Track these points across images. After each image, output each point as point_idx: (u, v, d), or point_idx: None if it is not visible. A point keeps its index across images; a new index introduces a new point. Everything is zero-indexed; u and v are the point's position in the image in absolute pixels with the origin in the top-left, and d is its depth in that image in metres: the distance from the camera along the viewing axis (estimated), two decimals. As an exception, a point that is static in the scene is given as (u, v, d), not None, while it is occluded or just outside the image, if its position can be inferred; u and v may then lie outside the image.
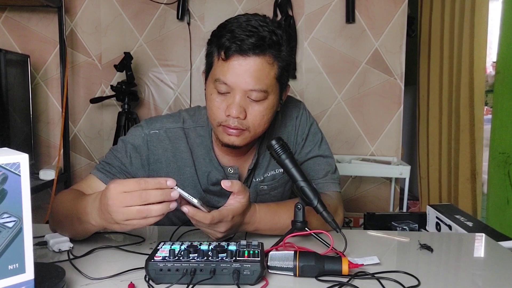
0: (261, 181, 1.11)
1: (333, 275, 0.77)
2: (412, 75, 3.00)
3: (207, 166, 1.07)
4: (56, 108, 2.68)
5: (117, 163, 1.05)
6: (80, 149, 2.73)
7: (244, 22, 0.93)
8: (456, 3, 2.41)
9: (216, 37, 0.95)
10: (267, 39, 0.91)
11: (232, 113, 0.93)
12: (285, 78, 1.00)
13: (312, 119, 1.16)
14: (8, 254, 0.59)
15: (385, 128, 2.71)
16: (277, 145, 0.91)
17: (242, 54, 0.91)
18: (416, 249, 0.95)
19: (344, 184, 2.75)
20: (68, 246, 0.89)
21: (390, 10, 2.63)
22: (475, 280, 0.80)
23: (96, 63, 2.68)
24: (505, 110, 1.77)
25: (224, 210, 0.84)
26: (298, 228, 0.90)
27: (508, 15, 1.76)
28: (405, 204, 2.57)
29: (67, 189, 1.06)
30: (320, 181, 1.12)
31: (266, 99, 0.95)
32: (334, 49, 2.67)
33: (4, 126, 2.14)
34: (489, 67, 2.82)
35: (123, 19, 2.66)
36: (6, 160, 0.57)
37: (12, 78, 2.21)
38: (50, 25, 2.60)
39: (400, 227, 1.42)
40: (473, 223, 1.23)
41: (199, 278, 0.71)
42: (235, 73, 0.91)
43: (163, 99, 2.72)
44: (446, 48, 2.55)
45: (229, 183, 0.83)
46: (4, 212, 0.58)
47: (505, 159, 1.74)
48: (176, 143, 1.06)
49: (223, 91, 0.94)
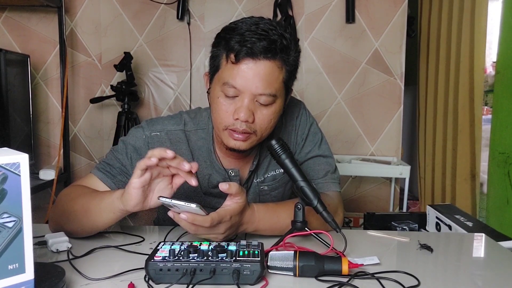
0: (261, 182, 1.11)
1: (333, 275, 0.77)
2: (412, 75, 3.00)
3: (208, 169, 1.07)
4: (56, 108, 2.68)
5: (118, 164, 1.05)
6: (80, 149, 2.73)
7: (252, 25, 0.92)
8: (456, 3, 2.41)
9: (224, 40, 0.94)
10: (278, 43, 0.91)
11: (241, 116, 0.92)
12: (291, 83, 1.00)
13: (312, 119, 1.16)
14: (8, 254, 0.59)
15: (385, 128, 2.71)
16: (277, 145, 0.91)
17: (253, 57, 0.90)
18: (416, 249, 0.95)
19: (344, 184, 2.75)
20: (66, 246, 0.89)
21: (390, 10, 2.63)
22: (475, 280, 0.80)
23: (96, 63, 2.68)
24: (505, 110, 1.77)
25: (222, 211, 0.84)
26: (298, 228, 0.90)
27: (508, 15, 1.76)
28: (405, 204, 2.57)
29: (70, 186, 1.06)
30: (320, 181, 1.12)
31: (274, 103, 0.95)
32: (334, 49, 2.67)
33: (4, 126, 2.14)
34: (489, 67, 2.82)
35: (123, 19, 2.66)
36: (6, 160, 0.57)
37: (12, 78, 2.21)
38: (50, 25, 2.60)
39: (400, 227, 1.42)
40: (473, 223, 1.23)
41: (199, 278, 0.71)
42: (244, 76, 0.91)
43: (163, 99, 2.72)
44: (446, 48, 2.55)
45: (227, 185, 0.83)
46: (4, 212, 0.58)
47: (505, 159, 1.75)
48: (177, 146, 1.06)
49: (231, 94, 0.93)
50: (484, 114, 2.89)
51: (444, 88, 2.57)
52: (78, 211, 0.92)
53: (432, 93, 2.72)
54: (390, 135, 2.71)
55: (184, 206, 0.78)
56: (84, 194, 0.96)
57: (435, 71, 2.68)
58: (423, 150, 2.86)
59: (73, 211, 0.93)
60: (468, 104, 2.31)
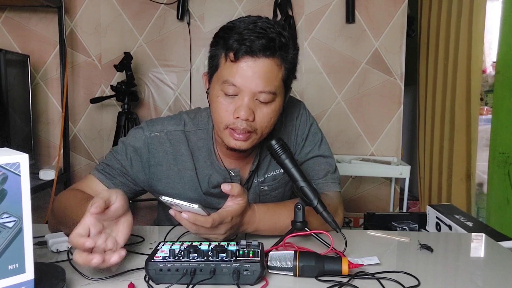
0: (262, 182, 1.11)
1: (333, 275, 0.77)
2: (412, 75, 3.00)
3: (208, 169, 1.07)
4: (56, 108, 2.68)
5: (117, 165, 1.05)
6: (80, 149, 2.73)
7: (251, 23, 0.92)
8: (455, 3, 2.41)
9: (223, 39, 0.94)
10: (276, 41, 0.91)
11: (241, 115, 0.92)
12: (290, 81, 1.00)
13: (312, 119, 1.16)
14: (8, 254, 0.59)
15: (385, 128, 2.71)
16: (277, 145, 0.91)
17: (252, 55, 0.90)
18: (416, 249, 0.95)
19: (344, 184, 2.75)
20: (66, 246, 0.89)
21: (390, 10, 2.63)
22: (475, 280, 0.80)
23: (96, 63, 2.68)
24: (505, 110, 1.77)
25: (223, 212, 0.84)
26: (298, 228, 0.90)
27: (508, 15, 1.76)
28: (405, 204, 2.57)
29: (68, 189, 1.06)
30: (320, 181, 1.11)
31: (274, 101, 0.96)
32: (334, 49, 2.67)
33: (4, 126, 2.14)
34: (489, 67, 2.83)
35: (123, 19, 2.66)
36: (6, 160, 0.57)
37: (12, 78, 2.21)
38: (50, 25, 2.60)
39: (400, 227, 1.42)
40: (473, 223, 1.23)
41: (199, 278, 0.71)
42: (244, 74, 0.91)
43: (163, 99, 2.72)
44: (444, 48, 2.55)
45: (229, 186, 0.83)
46: (4, 212, 0.58)
47: (505, 159, 1.74)
48: (177, 146, 1.06)
49: (230, 93, 0.93)
50: (484, 114, 2.89)
51: (442, 88, 2.57)
52: (69, 221, 0.91)
53: (431, 93, 2.72)
54: (390, 135, 2.71)
55: (186, 206, 0.78)
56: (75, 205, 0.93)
57: (434, 71, 2.68)
58: (423, 150, 2.86)
59: (65, 220, 0.93)
60: (465, 104, 2.32)
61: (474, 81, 2.25)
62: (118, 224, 0.79)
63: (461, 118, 2.34)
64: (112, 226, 0.78)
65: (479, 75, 2.27)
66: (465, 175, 2.33)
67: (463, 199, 2.34)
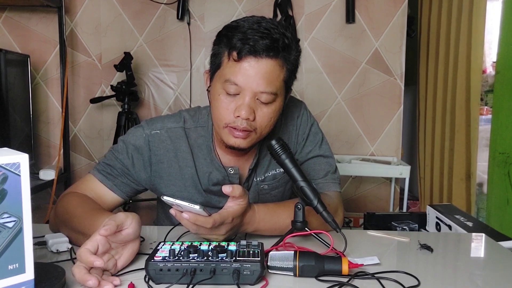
0: (261, 181, 1.11)
1: (333, 275, 0.77)
2: (412, 75, 3.00)
3: (208, 167, 1.07)
4: (56, 108, 2.68)
5: (118, 165, 1.05)
6: (80, 149, 2.73)
7: (255, 23, 0.92)
8: (455, 3, 2.41)
9: (226, 37, 0.94)
10: (280, 42, 0.91)
11: (242, 114, 0.93)
12: (291, 82, 1.00)
13: (313, 119, 1.16)
14: (8, 254, 0.59)
15: (385, 128, 2.71)
16: (277, 145, 0.91)
17: (255, 55, 0.90)
18: (416, 249, 0.95)
19: (344, 184, 2.75)
20: (66, 246, 0.89)
21: (390, 10, 2.63)
22: (475, 280, 0.80)
23: (96, 63, 2.68)
24: (505, 110, 1.77)
25: (224, 213, 0.84)
26: (298, 228, 0.90)
27: (508, 15, 1.76)
28: (405, 204, 2.57)
29: (71, 193, 1.03)
30: (320, 181, 1.12)
31: (275, 102, 0.96)
32: (334, 49, 2.67)
33: (4, 126, 2.14)
34: (489, 67, 2.83)
35: (123, 19, 2.66)
36: (6, 160, 0.57)
37: (12, 78, 2.21)
38: (50, 25, 2.60)
39: (400, 227, 1.42)
40: (473, 223, 1.23)
41: (199, 278, 0.71)
42: (246, 74, 0.91)
43: (163, 99, 2.72)
44: (444, 48, 2.55)
45: (230, 188, 0.82)
46: (4, 212, 0.58)
47: (505, 159, 1.74)
48: (178, 143, 1.06)
49: (232, 92, 0.93)
50: (484, 114, 2.89)
51: (442, 88, 2.57)
52: (73, 229, 0.90)
53: (432, 93, 2.72)
54: (390, 135, 2.71)
55: (187, 206, 0.78)
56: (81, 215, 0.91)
57: (434, 71, 2.68)
58: (423, 150, 2.86)
59: (70, 227, 0.92)
60: (465, 105, 2.32)
61: (474, 81, 2.25)
62: (125, 248, 0.79)
63: (461, 118, 2.34)
64: (118, 248, 0.78)
65: (479, 75, 2.26)
66: (465, 175, 2.33)
67: (463, 199, 2.34)
